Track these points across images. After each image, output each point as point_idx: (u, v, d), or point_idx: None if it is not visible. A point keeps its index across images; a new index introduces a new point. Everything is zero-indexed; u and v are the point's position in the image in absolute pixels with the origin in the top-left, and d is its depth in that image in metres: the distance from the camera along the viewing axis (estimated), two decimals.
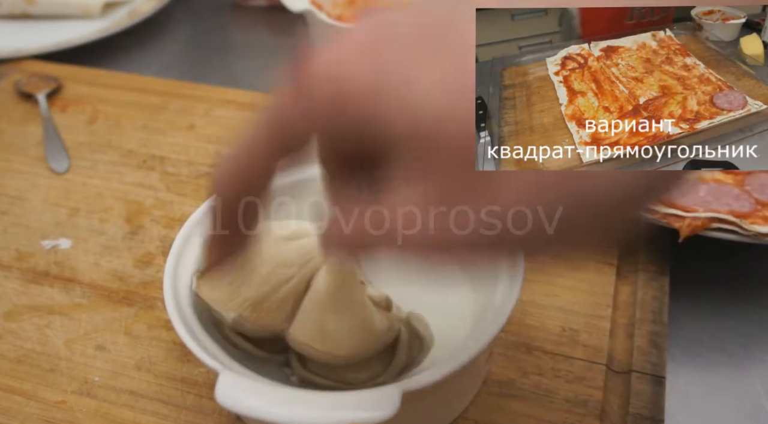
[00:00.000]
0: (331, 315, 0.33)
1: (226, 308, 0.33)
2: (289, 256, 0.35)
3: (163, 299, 0.34)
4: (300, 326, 0.33)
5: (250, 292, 0.34)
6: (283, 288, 0.34)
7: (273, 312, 0.34)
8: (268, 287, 0.34)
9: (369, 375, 0.34)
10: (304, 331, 0.33)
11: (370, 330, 0.33)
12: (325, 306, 0.33)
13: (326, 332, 0.33)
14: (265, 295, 0.34)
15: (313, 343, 0.33)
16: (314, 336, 0.33)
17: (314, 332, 0.33)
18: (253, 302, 0.34)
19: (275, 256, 0.34)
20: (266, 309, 0.34)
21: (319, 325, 0.33)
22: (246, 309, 0.33)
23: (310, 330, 0.33)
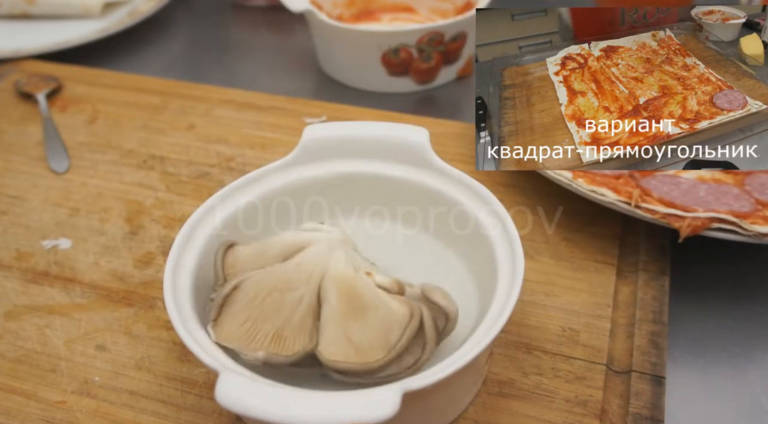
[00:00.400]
0: (353, 325, 0.33)
1: (251, 349, 0.33)
2: (291, 277, 0.34)
3: (163, 299, 0.34)
4: (326, 343, 0.33)
5: (267, 325, 0.34)
6: (297, 311, 0.34)
7: (296, 336, 0.34)
8: (283, 315, 0.34)
9: (410, 361, 0.34)
10: (332, 348, 0.33)
11: (394, 325, 0.33)
12: (344, 318, 0.33)
13: (354, 344, 0.33)
14: (282, 324, 0.34)
15: (346, 358, 0.33)
16: (344, 351, 0.33)
17: (342, 347, 0.33)
18: (274, 335, 0.34)
19: (277, 282, 0.34)
20: (289, 336, 0.34)
21: (344, 339, 0.33)
22: (270, 344, 0.33)
23: (338, 347, 0.33)
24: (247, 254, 0.36)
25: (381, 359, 0.33)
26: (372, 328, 0.33)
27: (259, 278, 0.35)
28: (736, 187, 0.48)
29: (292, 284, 0.34)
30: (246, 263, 0.36)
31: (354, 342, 0.33)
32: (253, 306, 0.34)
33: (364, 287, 0.34)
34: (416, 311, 0.34)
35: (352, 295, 0.34)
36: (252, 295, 0.34)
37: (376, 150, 0.43)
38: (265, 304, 0.34)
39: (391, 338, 0.33)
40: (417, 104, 0.67)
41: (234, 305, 0.34)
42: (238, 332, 0.34)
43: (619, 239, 0.48)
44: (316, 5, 0.68)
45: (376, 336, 0.33)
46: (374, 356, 0.33)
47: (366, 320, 0.33)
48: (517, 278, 0.34)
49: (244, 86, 0.66)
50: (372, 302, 0.34)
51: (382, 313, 0.33)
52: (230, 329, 0.34)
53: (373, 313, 0.33)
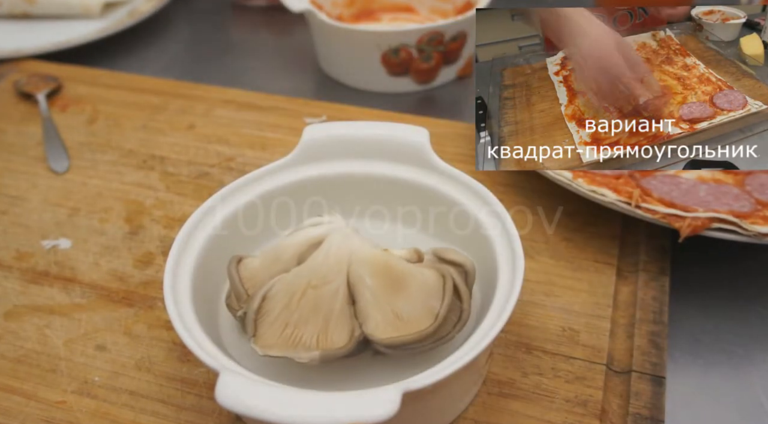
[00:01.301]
0: (396, 300, 0.34)
1: (303, 352, 0.33)
2: (322, 271, 0.34)
3: (163, 299, 0.34)
4: (375, 324, 0.34)
5: (310, 326, 0.34)
6: (336, 302, 0.34)
7: (342, 326, 0.34)
8: (324, 310, 0.34)
9: (454, 320, 0.35)
10: (382, 327, 0.34)
11: (432, 290, 0.35)
12: (386, 295, 0.34)
13: (403, 317, 0.34)
14: (325, 319, 0.34)
15: (400, 333, 0.34)
16: (396, 327, 0.34)
17: (393, 323, 0.34)
18: (320, 333, 0.34)
19: (310, 280, 0.34)
20: (336, 329, 0.34)
21: (392, 315, 0.34)
22: (320, 342, 0.33)
23: (388, 324, 0.34)
24: (260, 265, 0.36)
25: (432, 325, 0.34)
26: (415, 298, 0.34)
27: (286, 282, 0.34)
28: (736, 187, 0.48)
29: (326, 277, 0.34)
30: (263, 271, 0.36)
31: (402, 316, 0.34)
32: (290, 311, 0.34)
33: (394, 261, 0.35)
34: (445, 273, 0.35)
35: (387, 272, 0.34)
36: (285, 300, 0.34)
37: (376, 150, 0.43)
38: (302, 305, 0.34)
39: (434, 303, 0.34)
40: (417, 104, 0.67)
41: (269, 315, 0.34)
42: (281, 339, 0.33)
43: (619, 239, 0.48)
44: (316, 5, 0.68)
45: (421, 305, 0.34)
46: (424, 324, 0.34)
47: (407, 292, 0.34)
48: (517, 278, 0.34)
49: (244, 86, 0.66)
50: (406, 275, 0.35)
51: (419, 282, 0.35)
52: (272, 338, 0.34)
53: (411, 284, 0.34)
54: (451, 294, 0.35)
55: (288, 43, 0.79)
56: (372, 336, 0.34)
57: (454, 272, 0.35)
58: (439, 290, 0.35)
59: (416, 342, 0.34)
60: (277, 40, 0.80)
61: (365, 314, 0.34)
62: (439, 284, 0.35)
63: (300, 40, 0.78)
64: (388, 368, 0.36)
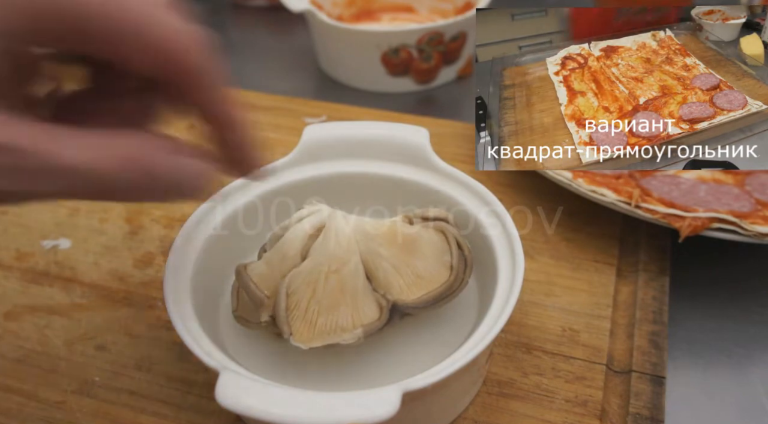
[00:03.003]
0: (413, 261, 0.35)
1: (345, 333, 0.34)
2: (337, 254, 0.35)
3: (163, 299, 0.34)
4: (401, 289, 0.35)
5: (342, 308, 0.34)
6: (359, 279, 0.35)
7: (370, 300, 0.35)
8: (350, 290, 0.34)
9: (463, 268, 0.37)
10: (409, 290, 0.35)
11: (439, 245, 0.36)
12: (403, 259, 0.35)
13: (424, 277, 0.35)
14: (353, 298, 0.34)
15: (426, 290, 0.35)
16: (420, 286, 0.35)
17: (416, 284, 0.35)
18: (353, 312, 0.34)
19: (330, 266, 0.35)
20: (366, 304, 0.35)
21: (414, 276, 0.35)
22: (355, 320, 0.34)
23: (412, 285, 0.35)
24: (267, 267, 0.36)
25: (451, 275, 0.36)
26: (428, 256, 0.36)
27: (304, 275, 0.35)
28: (737, 187, 0.48)
29: (344, 259, 0.35)
30: (273, 272, 0.36)
31: (422, 275, 0.35)
32: (317, 300, 0.34)
33: (400, 228, 0.36)
34: (440, 226, 0.37)
35: (397, 239, 0.36)
36: (310, 291, 0.34)
37: (376, 150, 0.43)
38: (328, 291, 0.34)
39: (445, 256, 0.36)
40: (417, 104, 0.67)
41: (297, 310, 0.34)
42: (318, 329, 0.34)
43: (619, 239, 0.48)
44: (316, 5, 0.68)
45: (434, 260, 0.36)
46: (443, 276, 0.36)
47: (420, 252, 0.36)
48: (517, 278, 0.34)
49: (244, 86, 0.66)
50: (414, 237, 0.36)
51: (426, 241, 0.36)
52: (309, 331, 0.34)
53: (421, 244, 0.36)
54: (457, 245, 0.37)
55: (288, 43, 0.79)
56: (400, 300, 0.35)
57: (445, 225, 0.37)
58: (444, 244, 0.37)
59: (442, 295, 0.35)
60: (277, 40, 0.80)
61: (387, 282, 0.35)
62: (442, 238, 0.37)
63: (300, 40, 0.78)
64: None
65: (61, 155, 0.22)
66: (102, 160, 0.23)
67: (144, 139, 0.25)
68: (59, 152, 0.22)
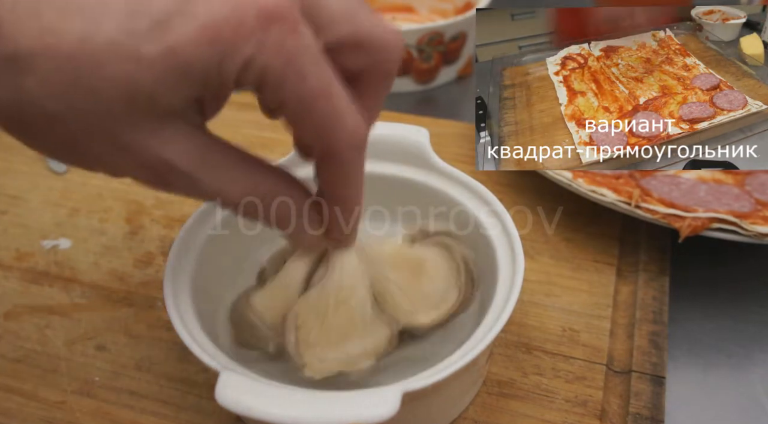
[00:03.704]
0: (423, 284, 0.35)
1: (356, 365, 0.33)
2: (345, 283, 0.33)
3: (163, 299, 0.34)
4: (409, 314, 0.35)
5: (352, 337, 0.33)
6: (367, 306, 0.33)
7: (380, 325, 0.34)
8: (358, 320, 0.33)
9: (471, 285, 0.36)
10: (417, 313, 0.35)
11: (447, 264, 0.36)
12: (412, 284, 0.35)
13: (433, 298, 0.35)
14: (363, 326, 0.33)
15: (438, 313, 0.35)
16: (429, 308, 0.35)
17: (426, 307, 0.35)
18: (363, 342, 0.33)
19: (337, 295, 0.33)
20: (376, 329, 0.34)
21: (422, 300, 0.35)
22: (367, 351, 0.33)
23: (420, 309, 0.35)
24: (270, 297, 0.35)
25: (460, 296, 0.35)
26: (435, 276, 0.35)
27: (310, 305, 0.33)
28: (737, 187, 0.48)
29: (351, 288, 0.33)
30: (277, 302, 0.35)
31: (431, 297, 0.35)
32: (326, 331, 0.33)
33: (406, 250, 0.36)
34: (446, 242, 0.37)
35: (404, 262, 0.35)
36: (318, 323, 0.33)
37: (375, 150, 0.42)
38: (337, 322, 0.33)
39: (452, 277, 0.36)
40: (417, 104, 0.67)
41: (306, 341, 0.33)
42: (329, 359, 0.33)
43: (619, 239, 0.48)
44: None
45: (443, 281, 0.36)
46: (453, 296, 0.36)
47: (428, 274, 0.35)
48: (517, 278, 0.34)
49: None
50: (419, 258, 0.36)
51: (432, 260, 0.36)
52: (320, 362, 0.33)
53: (427, 266, 0.35)
54: (465, 263, 0.36)
55: None
56: (412, 324, 0.34)
57: (449, 240, 0.37)
58: (451, 262, 0.36)
59: (452, 317, 0.35)
60: None
61: (396, 305, 0.34)
62: (448, 256, 0.36)
63: None
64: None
65: (222, 191, 0.28)
66: (244, 195, 0.28)
67: (289, 192, 0.29)
68: (225, 189, 0.28)
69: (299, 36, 0.23)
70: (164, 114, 0.25)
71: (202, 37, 0.22)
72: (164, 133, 0.25)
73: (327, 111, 0.25)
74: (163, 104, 0.24)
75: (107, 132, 0.24)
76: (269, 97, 0.25)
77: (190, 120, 0.26)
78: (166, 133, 0.25)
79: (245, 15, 0.22)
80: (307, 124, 0.26)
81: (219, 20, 0.22)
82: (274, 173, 0.29)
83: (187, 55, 0.22)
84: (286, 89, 0.24)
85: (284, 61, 0.23)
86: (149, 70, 0.23)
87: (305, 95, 0.24)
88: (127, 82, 0.23)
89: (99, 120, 0.24)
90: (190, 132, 0.26)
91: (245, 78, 0.24)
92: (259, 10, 0.23)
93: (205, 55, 0.23)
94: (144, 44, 0.22)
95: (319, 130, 0.26)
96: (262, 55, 0.23)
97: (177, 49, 0.22)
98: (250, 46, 0.23)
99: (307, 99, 0.24)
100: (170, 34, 0.22)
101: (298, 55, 0.23)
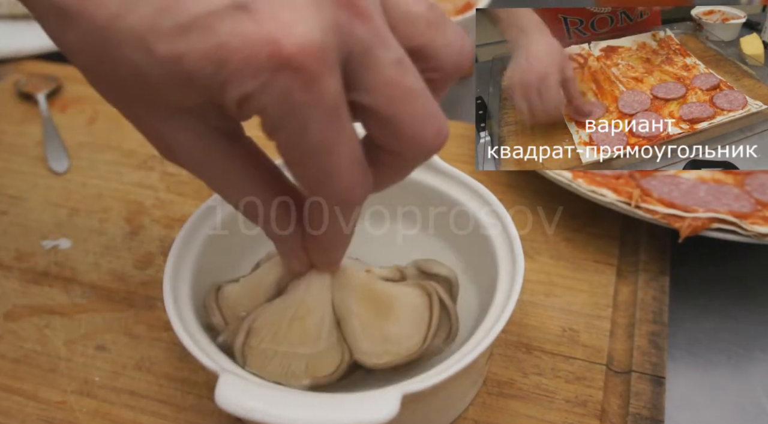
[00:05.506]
0: (385, 324, 0.33)
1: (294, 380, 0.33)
2: (306, 301, 0.33)
3: (163, 299, 0.34)
4: (365, 350, 0.33)
5: (299, 356, 0.33)
6: (323, 330, 0.33)
7: (331, 353, 0.33)
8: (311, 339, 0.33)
9: (443, 336, 0.34)
10: (373, 352, 0.33)
11: (419, 308, 0.34)
12: (375, 320, 0.33)
13: (393, 341, 0.33)
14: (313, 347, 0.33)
15: (392, 356, 0.33)
16: (386, 351, 0.33)
17: (384, 348, 0.33)
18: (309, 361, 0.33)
19: (296, 311, 0.33)
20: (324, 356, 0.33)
21: (382, 340, 0.33)
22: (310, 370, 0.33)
23: (378, 348, 0.33)
24: (240, 292, 0.35)
25: (423, 344, 0.33)
26: (404, 320, 0.34)
27: (269, 314, 0.33)
28: (737, 187, 0.48)
29: (310, 308, 0.33)
30: (243, 299, 0.35)
31: (392, 339, 0.33)
32: (277, 343, 0.33)
33: (378, 285, 0.34)
34: (430, 289, 0.34)
35: (372, 297, 0.33)
36: (271, 333, 0.33)
37: None
38: (289, 337, 0.33)
39: (421, 323, 0.34)
40: None
41: (257, 347, 0.33)
42: (271, 367, 0.33)
43: (619, 239, 0.48)
44: None
45: (409, 326, 0.34)
46: (414, 345, 0.33)
47: (395, 315, 0.34)
48: (517, 278, 0.34)
49: None
50: (391, 297, 0.34)
51: (404, 302, 0.34)
52: (262, 367, 0.33)
53: (397, 306, 0.34)
54: (439, 312, 0.34)
55: None
56: (363, 362, 0.33)
57: (438, 287, 0.35)
58: (425, 309, 0.34)
59: (406, 363, 0.33)
60: None
61: (353, 339, 0.33)
62: (426, 302, 0.34)
63: None
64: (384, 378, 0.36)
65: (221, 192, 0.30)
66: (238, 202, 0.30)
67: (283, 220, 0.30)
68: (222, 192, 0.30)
69: (314, 88, 0.22)
70: (174, 107, 0.25)
71: (209, 55, 0.22)
72: (171, 124, 0.26)
73: (322, 167, 0.24)
74: (171, 100, 0.24)
75: (127, 99, 0.27)
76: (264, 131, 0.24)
77: (206, 119, 0.26)
78: (173, 124, 0.26)
79: (258, 52, 0.21)
80: (296, 171, 0.25)
81: (232, 46, 0.22)
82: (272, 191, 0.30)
83: (191, 67, 0.22)
84: (281, 137, 0.24)
85: (286, 110, 0.22)
86: (158, 67, 0.23)
87: (303, 148, 0.24)
88: (138, 69, 0.23)
89: (120, 89, 0.26)
90: (199, 130, 0.26)
91: (244, 109, 0.23)
92: (272, 52, 0.21)
93: (207, 72, 0.22)
94: (159, 42, 0.22)
95: (309, 182, 0.25)
96: (263, 96, 0.22)
97: (183, 58, 0.22)
98: (252, 84, 0.22)
99: (304, 152, 0.24)
100: (185, 41, 0.22)
101: (306, 108, 0.22)
